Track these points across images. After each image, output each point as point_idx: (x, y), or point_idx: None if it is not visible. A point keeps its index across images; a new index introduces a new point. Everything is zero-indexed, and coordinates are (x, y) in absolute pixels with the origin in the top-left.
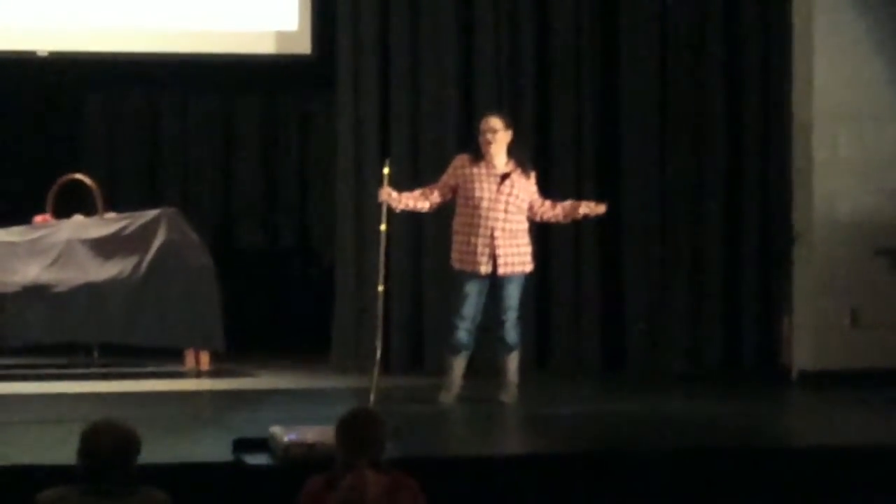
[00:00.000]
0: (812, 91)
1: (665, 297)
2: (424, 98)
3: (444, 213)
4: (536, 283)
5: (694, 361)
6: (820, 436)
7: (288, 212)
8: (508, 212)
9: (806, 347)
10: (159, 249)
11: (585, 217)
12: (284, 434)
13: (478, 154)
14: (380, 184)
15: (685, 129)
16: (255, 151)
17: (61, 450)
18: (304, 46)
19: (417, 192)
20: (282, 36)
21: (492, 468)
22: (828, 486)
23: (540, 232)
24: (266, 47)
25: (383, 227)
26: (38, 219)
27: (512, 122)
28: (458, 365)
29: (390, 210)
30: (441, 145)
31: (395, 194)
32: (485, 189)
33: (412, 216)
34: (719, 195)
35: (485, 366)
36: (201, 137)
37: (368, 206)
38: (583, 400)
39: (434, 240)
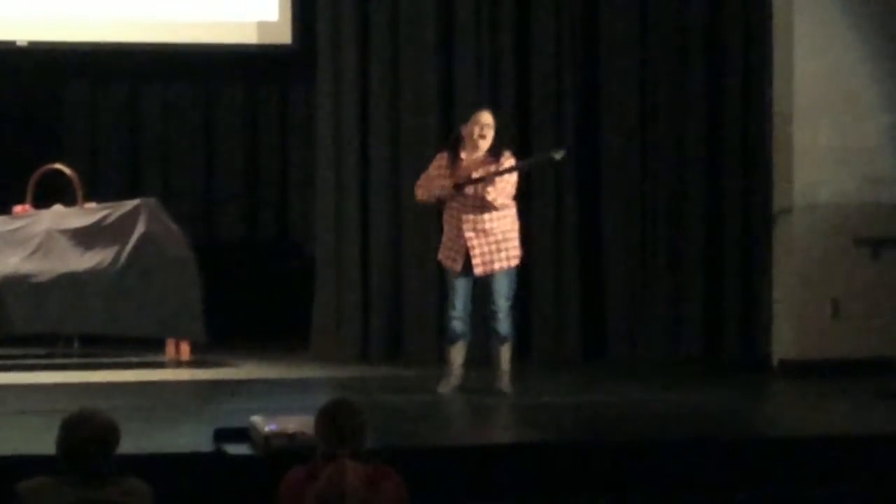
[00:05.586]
0: (792, 82)
1: (646, 287)
2: (404, 89)
3: (420, 203)
4: (518, 275)
5: (675, 351)
6: (800, 425)
7: (268, 202)
8: (483, 209)
9: (786, 337)
10: (139, 240)
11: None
12: (265, 424)
13: (453, 155)
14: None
15: (666, 120)
16: (236, 141)
17: (41, 440)
18: (284, 37)
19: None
20: (262, 26)
21: (473, 458)
22: (808, 475)
23: (521, 223)
24: (247, 37)
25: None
26: (17, 209)
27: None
28: (457, 353)
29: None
30: (421, 136)
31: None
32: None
33: (390, 205)
34: (700, 185)
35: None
36: (182, 127)
37: (348, 197)
38: (564, 390)
39: (413, 229)
